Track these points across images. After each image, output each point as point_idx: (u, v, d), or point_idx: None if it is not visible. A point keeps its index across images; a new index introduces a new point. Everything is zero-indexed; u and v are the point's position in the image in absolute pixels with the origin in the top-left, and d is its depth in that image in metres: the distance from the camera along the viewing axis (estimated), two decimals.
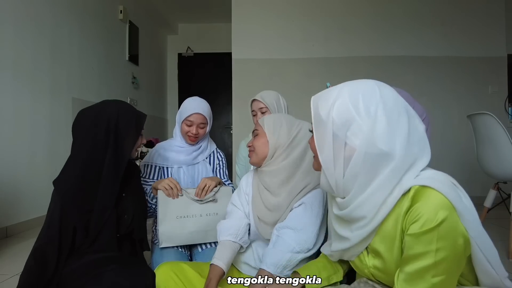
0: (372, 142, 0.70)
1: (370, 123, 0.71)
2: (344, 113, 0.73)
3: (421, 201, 0.68)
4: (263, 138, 1.15)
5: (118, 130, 1.23)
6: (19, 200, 2.67)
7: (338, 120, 0.73)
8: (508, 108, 3.82)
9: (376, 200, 0.73)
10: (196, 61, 6.18)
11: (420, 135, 0.74)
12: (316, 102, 0.79)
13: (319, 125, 0.77)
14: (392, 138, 0.71)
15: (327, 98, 0.77)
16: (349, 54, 3.90)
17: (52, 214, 1.17)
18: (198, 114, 1.56)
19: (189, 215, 1.43)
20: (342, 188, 0.76)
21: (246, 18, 3.92)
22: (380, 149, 0.70)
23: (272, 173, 1.14)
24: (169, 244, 1.44)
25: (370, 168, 0.71)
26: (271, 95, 1.76)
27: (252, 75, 3.87)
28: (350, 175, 0.73)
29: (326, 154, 0.75)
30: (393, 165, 0.71)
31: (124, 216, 1.29)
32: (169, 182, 1.41)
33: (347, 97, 0.74)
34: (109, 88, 4.04)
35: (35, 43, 2.87)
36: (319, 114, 0.76)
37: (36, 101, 2.88)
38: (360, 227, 0.77)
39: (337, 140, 0.73)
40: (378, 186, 0.72)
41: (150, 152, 1.65)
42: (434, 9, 3.87)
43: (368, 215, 0.74)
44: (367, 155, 0.71)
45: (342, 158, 0.73)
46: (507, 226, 1.96)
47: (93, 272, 1.11)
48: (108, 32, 4.07)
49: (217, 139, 5.95)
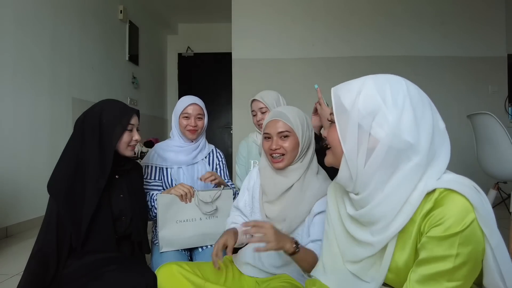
0: (397, 133, 0.69)
1: (397, 113, 0.69)
2: (370, 102, 0.71)
3: (446, 204, 0.66)
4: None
5: (102, 125, 1.23)
6: (19, 200, 2.67)
7: (364, 110, 0.71)
8: (508, 108, 3.82)
9: (398, 198, 0.70)
10: (196, 61, 6.18)
11: (441, 132, 0.74)
12: (337, 93, 0.77)
13: (342, 115, 0.74)
14: (417, 130, 0.69)
15: (350, 88, 0.75)
16: (349, 54, 3.90)
17: (49, 217, 1.17)
18: (194, 105, 1.58)
19: (189, 219, 1.43)
20: (361, 181, 0.73)
21: (246, 18, 3.91)
22: (405, 140, 0.68)
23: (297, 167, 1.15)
24: (169, 249, 1.45)
25: (392, 160, 0.70)
26: (271, 95, 1.76)
27: (252, 75, 3.87)
28: (371, 167, 0.71)
29: (350, 144, 0.72)
30: (417, 159, 0.69)
31: (122, 218, 1.29)
32: (182, 188, 1.42)
33: (373, 88, 0.72)
34: (109, 88, 4.04)
35: (35, 43, 2.87)
36: (342, 104, 0.74)
37: (36, 101, 2.88)
38: (381, 229, 0.73)
39: (362, 130, 0.71)
40: (399, 183, 0.70)
41: (149, 153, 1.65)
42: (434, 9, 3.87)
43: (389, 215, 0.71)
44: (391, 147, 0.69)
45: (365, 149, 0.71)
46: (507, 226, 1.96)
47: (94, 272, 1.11)
48: (108, 32, 4.07)
49: (217, 139, 5.95)
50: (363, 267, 0.79)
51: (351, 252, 0.82)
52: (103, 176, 1.22)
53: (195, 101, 1.60)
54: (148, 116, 5.04)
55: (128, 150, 1.30)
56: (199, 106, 1.60)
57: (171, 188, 1.48)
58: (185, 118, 1.58)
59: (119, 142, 1.27)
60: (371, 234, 0.75)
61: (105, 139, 1.23)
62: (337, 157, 0.77)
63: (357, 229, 0.80)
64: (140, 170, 1.49)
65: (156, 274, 1.12)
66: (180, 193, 1.41)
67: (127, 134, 1.28)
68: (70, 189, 1.18)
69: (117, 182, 1.32)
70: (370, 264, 0.78)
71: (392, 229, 0.72)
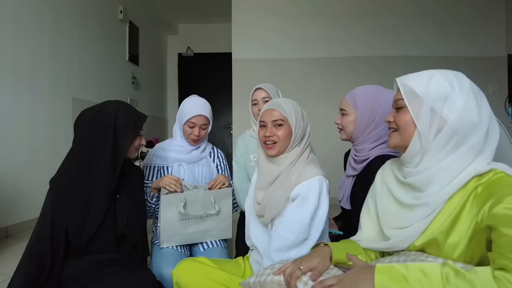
0: (464, 115, 0.79)
1: (464, 98, 0.80)
2: (442, 88, 0.82)
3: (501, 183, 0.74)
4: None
5: (116, 128, 1.23)
6: (19, 200, 2.67)
7: (436, 95, 0.82)
8: (508, 108, 3.82)
9: (455, 168, 0.79)
10: (196, 61, 6.18)
11: (493, 120, 0.84)
12: (404, 82, 0.87)
13: (414, 99, 0.84)
14: (479, 114, 0.80)
15: (419, 78, 0.86)
16: (349, 54, 3.90)
17: (45, 213, 1.16)
18: (201, 116, 1.54)
19: (191, 216, 1.43)
20: (428, 155, 0.83)
21: (246, 18, 3.91)
22: (470, 121, 0.79)
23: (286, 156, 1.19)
24: (170, 244, 1.45)
25: (456, 140, 0.80)
26: (272, 86, 1.77)
27: (252, 75, 3.86)
28: (438, 143, 0.81)
29: (423, 123, 0.82)
30: (474, 140, 0.79)
31: (118, 218, 1.28)
32: (169, 179, 1.41)
33: (441, 77, 0.83)
34: (109, 88, 4.04)
35: (35, 43, 2.87)
36: (413, 90, 0.84)
37: (36, 101, 2.88)
38: (436, 191, 0.81)
39: (434, 112, 0.82)
40: (458, 155, 0.80)
41: (149, 154, 1.64)
42: (434, 9, 3.87)
43: (444, 180, 0.80)
44: (457, 127, 0.79)
45: (435, 128, 0.81)
46: None
47: (93, 274, 1.10)
48: (108, 32, 4.07)
49: (217, 139, 5.95)
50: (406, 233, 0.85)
51: (401, 218, 0.88)
52: (113, 179, 1.22)
53: (202, 112, 1.54)
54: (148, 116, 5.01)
55: (133, 153, 1.33)
56: (205, 117, 1.56)
57: (159, 179, 1.47)
58: (190, 127, 1.56)
59: (130, 146, 1.29)
60: (418, 198, 0.84)
61: (119, 142, 1.23)
62: (406, 137, 0.87)
63: (409, 196, 0.87)
64: (139, 172, 1.49)
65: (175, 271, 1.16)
66: (167, 185, 1.40)
67: (138, 139, 1.31)
68: (73, 185, 1.18)
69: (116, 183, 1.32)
70: (418, 230, 0.84)
71: (447, 190, 0.80)
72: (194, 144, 1.61)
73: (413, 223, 0.84)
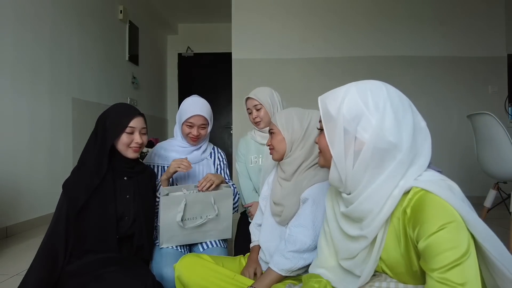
0: (381, 135, 0.74)
1: (379, 117, 0.74)
2: (354, 108, 0.76)
3: (422, 205, 0.70)
4: (279, 135, 1.22)
5: (105, 126, 1.27)
6: (19, 200, 2.67)
7: (349, 115, 0.76)
8: (508, 108, 3.82)
9: (383, 193, 0.75)
10: (196, 61, 6.18)
11: (422, 130, 0.78)
12: (324, 101, 0.82)
13: (329, 121, 0.80)
14: (399, 131, 0.74)
15: (335, 96, 0.80)
16: (348, 54, 3.90)
17: (59, 209, 1.19)
18: (199, 116, 1.55)
19: (190, 217, 1.43)
20: (351, 181, 0.78)
21: (246, 18, 3.92)
22: (388, 141, 0.74)
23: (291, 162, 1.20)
24: (170, 245, 1.45)
25: (378, 160, 0.75)
26: (264, 91, 1.77)
27: (252, 75, 3.87)
28: (359, 168, 0.76)
29: (337, 148, 0.78)
30: (400, 156, 0.74)
31: (125, 218, 1.30)
32: (176, 163, 1.44)
33: (356, 94, 0.77)
34: (109, 88, 4.04)
35: (35, 43, 2.87)
36: (329, 111, 0.80)
37: (36, 101, 2.88)
38: (370, 222, 0.78)
39: (348, 134, 0.76)
40: (384, 179, 0.75)
41: (150, 153, 1.64)
42: (434, 9, 3.87)
43: (375, 209, 0.76)
44: (376, 148, 0.74)
45: (352, 152, 0.76)
46: (507, 226, 1.96)
47: (94, 273, 1.11)
48: (108, 32, 4.07)
49: (217, 139, 5.95)
50: (356, 263, 0.83)
51: (346, 249, 0.86)
52: (97, 175, 1.23)
53: (200, 113, 1.55)
54: (148, 116, 4.99)
55: (129, 152, 1.31)
56: (204, 117, 1.56)
57: (166, 170, 1.49)
58: (188, 127, 1.57)
59: (117, 143, 1.28)
60: (361, 229, 0.80)
61: (105, 138, 1.26)
62: (328, 161, 0.83)
63: (349, 226, 0.84)
64: (152, 174, 1.48)
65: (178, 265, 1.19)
66: (175, 167, 1.43)
67: (126, 135, 1.28)
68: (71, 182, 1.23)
69: (125, 184, 1.33)
70: (363, 258, 0.82)
71: (379, 220, 0.76)
72: (193, 144, 1.61)
73: (357, 253, 0.82)
